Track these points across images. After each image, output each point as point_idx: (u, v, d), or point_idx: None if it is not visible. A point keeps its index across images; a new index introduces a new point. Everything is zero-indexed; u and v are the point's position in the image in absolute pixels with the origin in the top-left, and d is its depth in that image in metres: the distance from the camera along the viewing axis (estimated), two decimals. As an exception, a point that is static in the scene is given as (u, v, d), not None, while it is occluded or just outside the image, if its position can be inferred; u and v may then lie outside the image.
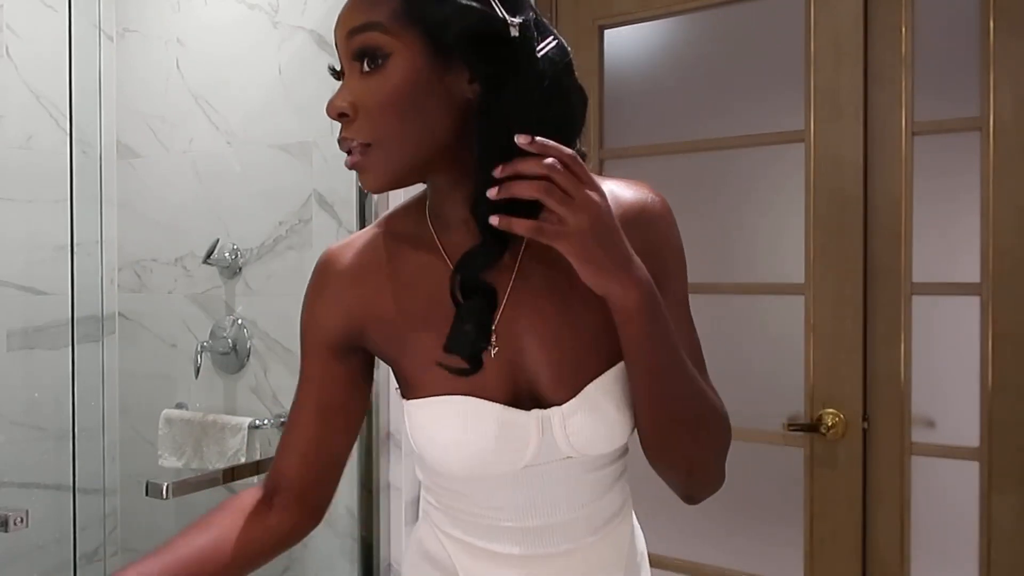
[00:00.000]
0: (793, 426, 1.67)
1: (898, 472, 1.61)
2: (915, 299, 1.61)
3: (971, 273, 1.56)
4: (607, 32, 1.93)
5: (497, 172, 0.68)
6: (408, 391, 0.83)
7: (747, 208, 1.81)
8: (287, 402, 1.95)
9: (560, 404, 0.78)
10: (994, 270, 1.53)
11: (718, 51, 1.85)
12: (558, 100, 0.73)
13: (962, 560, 1.57)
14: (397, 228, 0.85)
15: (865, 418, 1.64)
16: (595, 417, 0.78)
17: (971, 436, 1.56)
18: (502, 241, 0.73)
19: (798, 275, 1.70)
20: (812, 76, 1.67)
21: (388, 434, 1.78)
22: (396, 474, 1.77)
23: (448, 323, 0.74)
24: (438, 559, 0.88)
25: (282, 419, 1.95)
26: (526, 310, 0.78)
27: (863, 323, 1.63)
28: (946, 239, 1.62)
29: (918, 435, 1.61)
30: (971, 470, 1.56)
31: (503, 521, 0.82)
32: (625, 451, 0.87)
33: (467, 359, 0.73)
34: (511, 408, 0.77)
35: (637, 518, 0.94)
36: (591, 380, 0.78)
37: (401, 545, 1.77)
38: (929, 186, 1.61)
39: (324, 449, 0.86)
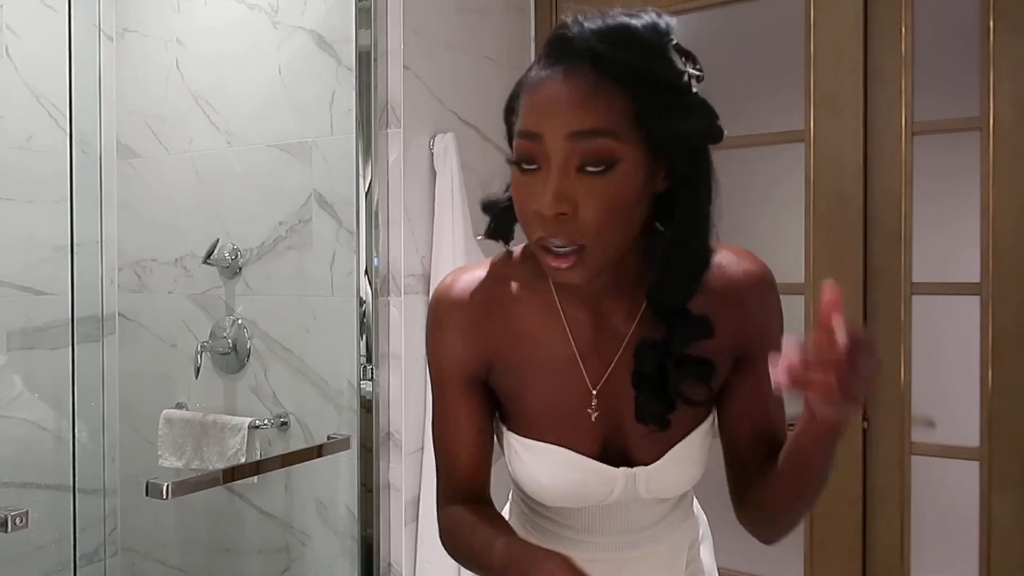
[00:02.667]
0: (793, 426, 1.67)
1: (898, 472, 1.61)
2: (915, 299, 1.61)
3: (971, 273, 1.56)
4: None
5: (784, 382, 0.65)
6: (512, 425, 0.89)
7: (747, 208, 1.81)
8: (287, 402, 1.97)
9: (647, 463, 0.84)
10: (994, 270, 1.53)
11: (718, 51, 1.85)
12: (711, 188, 0.77)
13: (962, 560, 1.57)
14: (513, 274, 0.87)
15: (865, 418, 1.64)
16: (676, 475, 0.85)
17: (971, 436, 1.56)
18: (681, 325, 0.78)
19: (798, 275, 1.70)
20: (812, 76, 1.67)
21: (388, 434, 1.78)
22: (396, 474, 1.77)
23: (564, 380, 0.84)
24: None
25: (283, 419, 1.95)
26: (629, 376, 0.82)
27: (863, 323, 1.63)
28: (946, 239, 1.62)
29: (918, 435, 1.61)
30: (971, 470, 1.56)
31: (578, 533, 0.91)
32: None
33: (657, 426, 0.81)
34: (602, 464, 0.84)
35: None
36: (677, 442, 0.84)
37: (401, 545, 1.77)
38: (929, 186, 1.61)
39: (487, 458, 0.92)
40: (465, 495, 0.89)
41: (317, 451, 1.80)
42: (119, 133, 2.23)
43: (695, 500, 1.05)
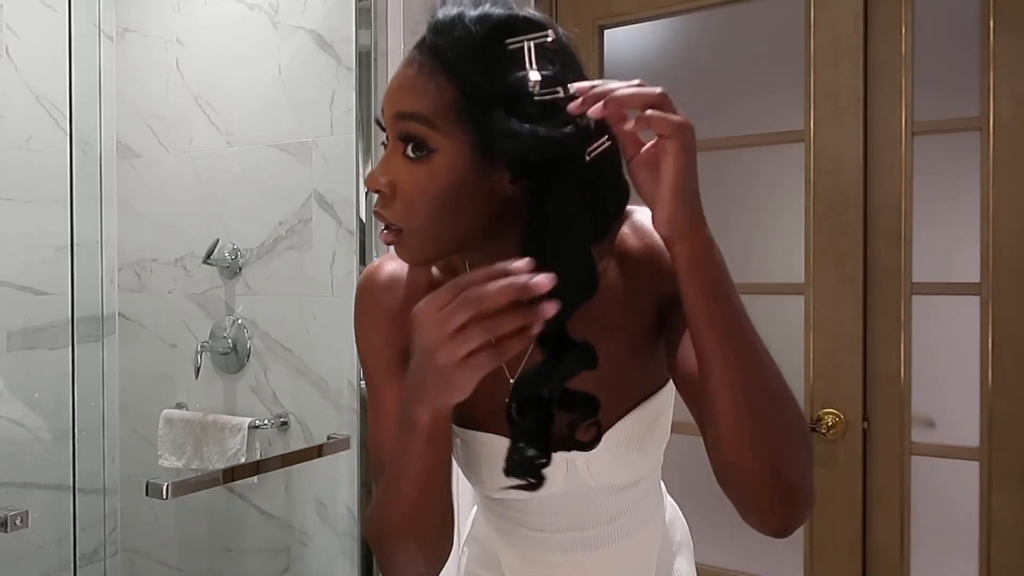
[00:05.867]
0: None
1: (898, 472, 1.61)
2: (915, 299, 1.61)
3: (971, 273, 1.56)
4: (607, 32, 1.93)
5: (597, 111, 0.62)
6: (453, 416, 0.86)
7: (747, 208, 1.81)
8: (287, 402, 1.97)
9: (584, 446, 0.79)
10: (994, 270, 1.53)
11: (718, 51, 1.85)
12: (603, 199, 0.71)
13: (962, 559, 1.57)
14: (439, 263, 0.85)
15: (865, 418, 1.64)
16: (617, 458, 0.81)
17: (971, 436, 1.56)
18: (560, 354, 0.68)
19: (798, 275, 1.70)
20: (812, 76, 1.67)
21: (388, 434, 1.78)
22: (396, 474, 1.77)
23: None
24: (485, 544, 0.98)
25: (283, 419, 1.95)
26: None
27: (863, 323, 1.63)
28: (946, 239, 1.62)
29: (918, 435, 1.61)
30: (971, 470, 1.56)
31: (535, 531, 0.88)
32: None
33: (530, 480, 0.72)
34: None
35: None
36: (614, 423, 0.80)
37: (401, 545, 1.77)
38: (929, 186, 1.61)
39: None
40: None
41: (317, 451, 1.80)
42: (119, 133, 2.23)
43: (674, 506, 1.04)
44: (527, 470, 0.70)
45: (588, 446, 0.74)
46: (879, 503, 1.63)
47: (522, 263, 0.60)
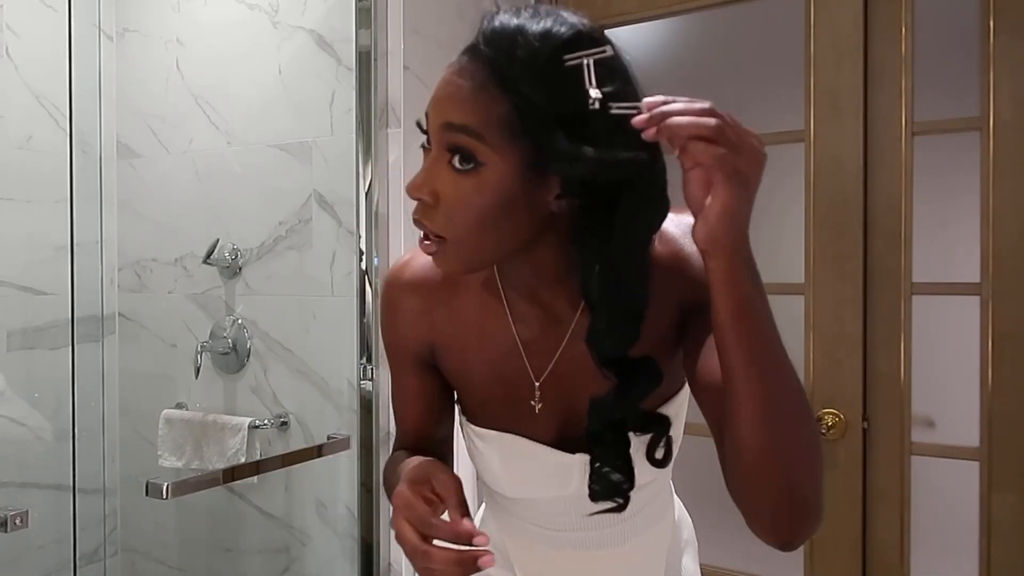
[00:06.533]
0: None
1: (898, 472, 1.61)
2: (915, 299, 1.61)
3: (971, 273, 1.56)
4: (607, 32, 1.93)
5: (650, 136, 0.60)
6: (467, 415, 0.91)
7: (747, 208, 1.81)
8: (287, 402, 1.97)
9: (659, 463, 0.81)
10: (994, 270, 1.53)
11: (718, 51, 1.85)
12: (649, 215, 0.70)
13: (962, 559, 1.57)
14: None
15: (865, 418, 1.64)
16: (639, 461, 0.81)
17: (971, 436, 1.56)
18: (628, 375, 0.71)
19: (798, 275, 1.70)
20: (812, 76, 1.67)
21: (388, 434, 1.78)
22: (396, 474, 1.77)
23: (508, 369, 0.81)
24: (494, 541, 0.97)
25: (283, 419, 1.95)
26: (578, 365, 0.77)
27: (863, 323, 1.63)
28: (946, 239, 1.62)
29: (918, 435, 1.61)
30: (971, 470, 1.56)
31: (548, 529, 0.90)
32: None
33: (618, 501, 0.76)
34: (557, 451, 0.82)
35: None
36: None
37: (401, 545, 1.77)
38: (929, 186, 1.61)
39: (434, 422, 0.93)
40: (412, 447, 0.91)
41: (317, 451, 1.80)
42: (119, 133, 2.23)
43: (680, 504, 1.05)
44: (615, 493, 0.75)
45: (662, 463, 0.76)
46: (879, 503, 1.63)
47: (481, 539, 0.63)
